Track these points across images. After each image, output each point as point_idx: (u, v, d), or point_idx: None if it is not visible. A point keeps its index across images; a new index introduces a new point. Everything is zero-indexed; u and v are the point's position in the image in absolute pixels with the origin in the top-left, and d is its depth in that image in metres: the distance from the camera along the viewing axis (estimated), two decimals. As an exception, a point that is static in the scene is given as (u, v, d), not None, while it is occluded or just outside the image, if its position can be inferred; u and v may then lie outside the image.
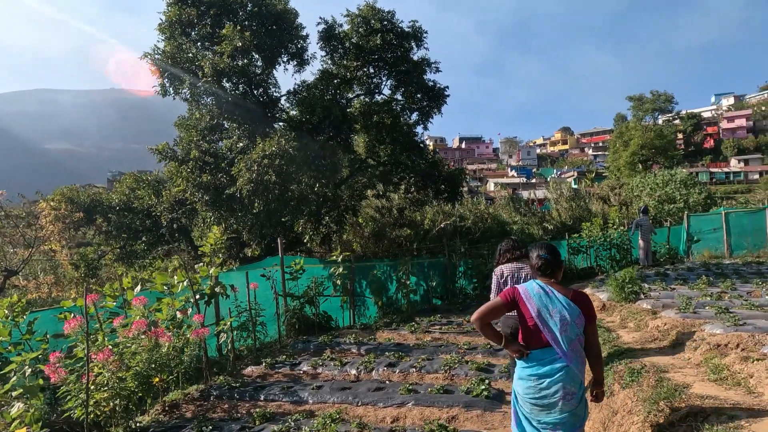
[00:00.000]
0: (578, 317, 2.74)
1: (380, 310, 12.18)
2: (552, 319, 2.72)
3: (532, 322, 2.77)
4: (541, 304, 2.77)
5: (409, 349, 7.57)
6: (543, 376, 2.71)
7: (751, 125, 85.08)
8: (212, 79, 12.49)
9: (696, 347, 4.11)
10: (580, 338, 2.76)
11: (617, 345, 4.90)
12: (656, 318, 5.56)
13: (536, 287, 2.84)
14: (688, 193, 31.34)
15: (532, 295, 2.80)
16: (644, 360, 4.19)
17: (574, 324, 2.72)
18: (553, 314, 2.73)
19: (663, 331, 5.12)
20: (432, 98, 16.93)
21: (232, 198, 12.13)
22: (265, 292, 9.41)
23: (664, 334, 5.01)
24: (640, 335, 5.29)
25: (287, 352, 8.08)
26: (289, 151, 11.72)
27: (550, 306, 2.76)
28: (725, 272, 11.35)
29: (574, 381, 2.70)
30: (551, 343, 2.71)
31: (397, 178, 18.11)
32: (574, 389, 2.69)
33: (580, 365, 2.74)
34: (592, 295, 8.86)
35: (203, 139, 14.01)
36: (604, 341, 5.22)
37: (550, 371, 2.69)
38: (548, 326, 2.72)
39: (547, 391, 2.68)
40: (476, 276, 14.67)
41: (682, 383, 3.29)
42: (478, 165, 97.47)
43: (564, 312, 2.73)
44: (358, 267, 12.32)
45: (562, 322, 2.70)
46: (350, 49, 15.87)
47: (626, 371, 3.91)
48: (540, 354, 2.75)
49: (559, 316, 2.72)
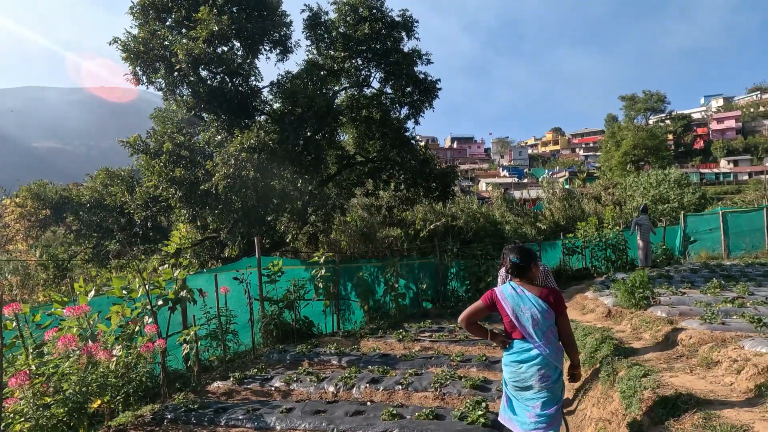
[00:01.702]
0: (547, 312, 3.11)
1: (367, 314, 11.39)
2: (524, 315, 3.12)
3: (508, 319, 3.18)
4: (514, 303, 3.15)
5: (395, 361, 6.79)
6: (522, 362, 3.13)
7: (740, 126, 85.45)
8: (187, 67, 11.62)
9: (738, 369, 3.38)
10: (552, 329, 3.14)
11: (637, 363, 4.15)
12: (677, 330, 4.83)
13: (510, 289, 3.22)
14: (682, 192, 30.94)
15: (506, 296, 3.20)
16: (675, 384, 3.45)
17: (544, 318, 3.10)
18: (525, 311, 3.12)
19: (688, 346, 4.39)
20: (423, 92, 16.17)
21: (208, 194, 11.28)
22: (240, 296, 8.59)
23: (690, 351, 4.27)
24: (660, 350, 4.55)
25: (260, 364, 7.26)
26: (269, 144, 10.91)
27: (521, 305, 3.14)
28: (732, 274, 10.70)
29: (549, 366, 3.09)
30: (525, 336, 3.11)
31: (387, 175, 17.33)
32: (549, 373, 3.09)
33: (555, 353, 3.12)
34: (596, 299, 8.14)
35: (179, 132, 13.14)
36: (618, 357, 4.48)
37: (527, 358, 3.11)
38: (521, 322, 3.12)
39: (525, 374, 3.10)
40: (469, 278, 13.94)
41: (739, 424, 2.55)
42: (470, 165, 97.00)
43: (533, 309, 3.11)
44: (343, 268, 11.53)
45: (533, 318, 3.10)
46: (337, 38, 15.07)
47: (657, 402, 3.16)
48: (519, 344, 3.17)
49: (529, 313, 3.11)
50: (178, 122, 13.51)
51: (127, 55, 12.13)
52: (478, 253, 14.25)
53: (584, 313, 7.72)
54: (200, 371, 7.27)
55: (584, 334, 5.90)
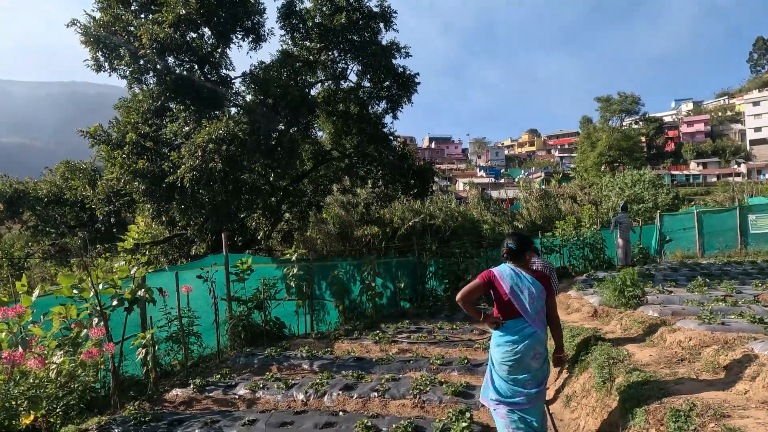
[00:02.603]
0: (541, 292, 3.36)
1: (342, 315, 10.90)
2: (522, 293, 3.31)
3: (507, 297, 3.32)
4: (513, 283, 3.35)
5: (371, 365, 6.32)
6: (517, 342, 3.25)
7: (709, 130, 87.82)
8: (152, 53, 10.92)
9: (754, 376, 3.03)
10: (543, 309, 3.38)
11: (635, 367, 3.78)
12: (674, 330, 4.49)
13: (508, 269, 3.43)
14: (656, 193, 31.33)
15: (505, 276, 3.39)
16: (683, 391, 3.09)
17: (539, 297, 3.34)
18: (523, 290, 3.32)
19: (689, 348, 4.05)
20: (401, 85, 15.72)
21: (173, 188, 10.60)
22: (205, 296, 8.00)
23: (692, 354, 3.93)
24: (657, 353, 4.20)
25: (225, 369, 6.71)
26: (239, 135, 10.29)
27: (520, 284, 3.34)
28: (712, 273, 10.61)
29: (541, 343, 3.29)
30: (522, 313, 3.27)
31: (364, 171, 16.84)
32: (541, 350, 3.28)
33: (544, 331, 3.37)
34: (580, 298, 7.84)
35: (145, 123, 12.38)
36: (614, 361, 4.12)
37: (523, 337, 3.24)
38: (520, 299, 3.30)
39: (521, 353, 3.21)
40: (447, 276, 13.57)
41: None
42: (448, 165, 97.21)
43: (531, 288, 3.33)
44: (317, 267, 11.00)
45: (530, 296, 3.30)
46: (313, 28, 14.50)
47: (669, 415, 2.77)
48: (513, 324, 3.32)
49: (527, 291, 3.31)
50: (144, 112, 12.74)
51: (87, 39, 11.35)
52: (456, 251, 13.90)
53: (569, 313, 7.40)
54: (158, 377, 6.68)
55: (572, 334, 5.55)
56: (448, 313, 10.12)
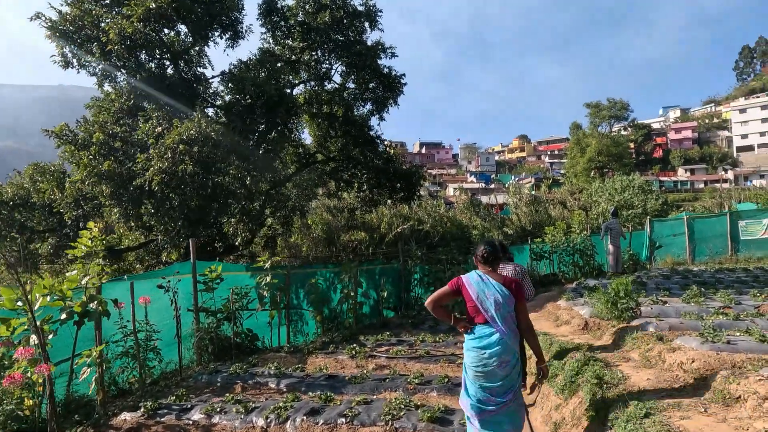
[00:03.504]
0: (508, 299, 3.35)
1: (321, 325, 10.33)
2: (488, 300, 3.34)
3: (473, 303, 3.38)
4: (479, 289, 3.38)
5: (343, 384, 5.78)
6: (485, 348, 3.29)
7: (696, 137, 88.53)
8: (121, 48, 10.36)
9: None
10: (511, 315, 3.36)
11: (630, 392, 3.29)
12: (674, 350, 4.02)
13: (475, 276, 3.46)
14: (645, 198, 31.20)
15: (472, 282, 3.43)
16: (690, 430, 2.60)
17: (506, 304, 3.34)
18: (489, 297, 3.34)
19: (692, 371, 3.57)
20: (387, 87, 15.27)
21: (142, 191, 10.01)
22: (170, 307, 7.41)
23: (697, 379, 3.45)
24: (656, 376, 3.72)
25: (182, 389, 6.12)
26: (212, 136, 9.73)
27: (486, 290, 3.37)
28: (706, 281, 10.18)
29: (509, 351, 3.28)
30: (488, 319, 3.32)
31: (349, 174, 16.34)
32: (508, 358, 3.27)
33: (513, 338, 3.32)
34: (570, 309, 7.36)
35: (116, 122, 11.77)
36: (606, 384, 3.62)
37: (490, 343, 3.28)
38: (485, 306, 3.34)
39: (488, 360, 3.25)
40: (434, 284, 13.05)
41: None
42: (438, 170, 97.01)
43: (497, 295, 3.35)
44: (295, 274, 10.44)
45: (496, 303, 3.32)
46: (295, 26, 14.02)
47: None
48: (481, 328, 3.36)
49: (493, 298, 3.33)
50: (116, 112, 12.14)
51: (53, 33, 10.75)
52: (443, 257, 13.41)
53: (558, 325, 6.92)
54: (109, 398, 6.09)
55: (560, 350, 5.06)
56: (431, 323, 9.61)
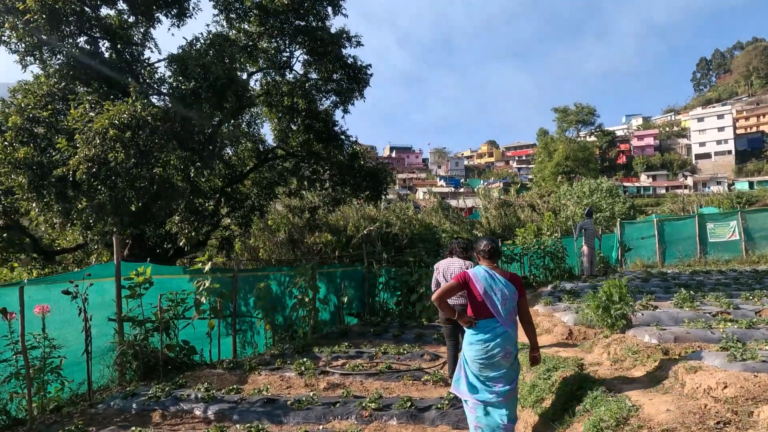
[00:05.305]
0: (514, 293, 3.55)
1: (275, 335, 9.23)
2: (495, 295, 3.49)
3: (481, 298, 3.50)
4: (486, 284, 3.53)
5: (284, 410, 4.74)
6: (489, 341, 3.42)
7: (658, 144, 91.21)
8: (42, 20, 9.04)
9: None
10: (515, 309, 3.58)
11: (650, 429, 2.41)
12: (694, 370, 3.18)
13: (482, 271, 3.62)
14: (613, 202, 31.25)
15: (480, 278, 3.57)
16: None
17: (511, 299, 3.52)
18: (496, 291, 3.50)
19: (726, 400, 2.73)
20: (353, 78, 14.29)
21: (66, 182, 8.71)
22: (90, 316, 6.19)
23: (736, 411, 2.61)
24: (677, 406, 2.86)
25: (88, 417, 4.96)
26: (148, 120, 8.54)
27: (493, 285, 3.53)
28: (687, 283, 9.61)
29: (511, 343, 3.47)
30: (494, 313, 3.46)
31: (310, 171, 15.27)
32: (511, 349, 3.46)
33: (514, 330, 3.55)
34: (551, 316, 6.54)
35: (43, 107, 10.40)
36: (616, 421, 2.73)
37: (495, 335, 3.42)
38: (492, 300, 3.47)
39: (492, 351, 3.39)
40: (400, 288, 12.12)
41: None
42: (408, 174, 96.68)
43: (504, 290, 3.50)
44: (245, 278, 9.31)
45: (503, 298, 3.48)
46: (251, 9, 12.89)
47: None
48: (485, 323, 3.49)
49: (500, 293, 3.49)
50: (44, 95, 10.75)
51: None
52: (410, 260, 12.51)
53: (538, 334, 6.06)
54: (-12, 434, 4.86)
55: (547, 368, 4.18)
56: (396, 331, 8.64)
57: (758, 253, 16.48)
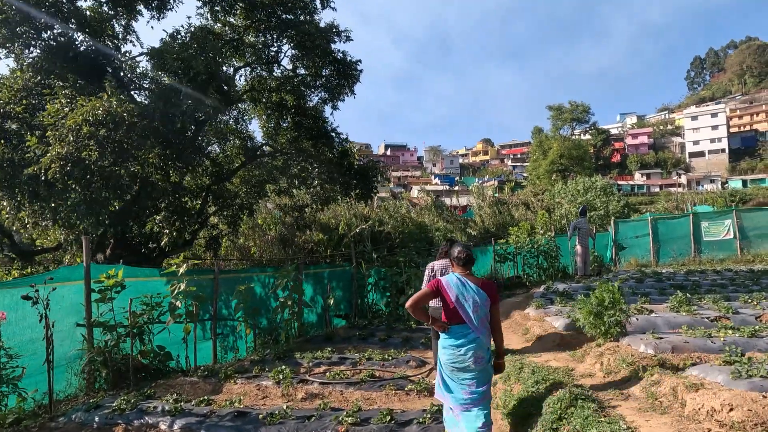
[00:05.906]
0: (485, 301, 3.60)
1: (255, 339, 8.89)
2: (467, 302, 3.55)
3: (453, 305, 3.57)
4: (458, 291, 3.59)
5: (255, 426, 4.41)
6: (461, 346, 3.52)
7: (652, 142, 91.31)
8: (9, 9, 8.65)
9: None
10: (487, 316, 3.63)
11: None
12: (695, 388, 2.89)
13: (455, 279, 3.67)
14: (608, 200, 31.08)
15: (451, 285, 3.63)
16: None
17: (483, 306, 3.58)
18: (467, 299, 3.56)
19: (732, 426, 2.46)
20: (342, 73, 13.93)
21: (37, 181, 8.33)
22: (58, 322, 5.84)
23: (745, 440, 2.33)
24: (675, 429, 2.58)
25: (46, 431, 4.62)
26: (124, 116, 8.17)
27: (465, 293, 3.59)
28: (682, 284, 9.36)
29: (482, 348, 3.55)
30: (465, 320, 3.54)
31: (298, 168, 14.91)
32: (483, 354, 3.54)
33: (487, 337, 3.62)
34: (541, 320, 6.24)
35: (17, 102, 10.01)
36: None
37: (466, 342, 3.52)
38: (464, 308, 3.54)
39: (464, 356, 3.50)
40: (390, 288, 11.83)
41: None
42: (403, 172, 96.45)
43: (475, 297, 3.57)
44: (226, 279, 8.96)
45: (474, 305, 3.54)
46: (237, 1, 12.51)
47: None
48: (457, 328, 3.58)
49: (471, 300, 3.55)
50: (19, 90, 10.36)
51: None
52: (401, 260, 12.21)
53: (527, 340, 5.77)
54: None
55: (536, 380, 3.88)
56: (383, 335, 8.33)
57: (753, 252, 16.33)
